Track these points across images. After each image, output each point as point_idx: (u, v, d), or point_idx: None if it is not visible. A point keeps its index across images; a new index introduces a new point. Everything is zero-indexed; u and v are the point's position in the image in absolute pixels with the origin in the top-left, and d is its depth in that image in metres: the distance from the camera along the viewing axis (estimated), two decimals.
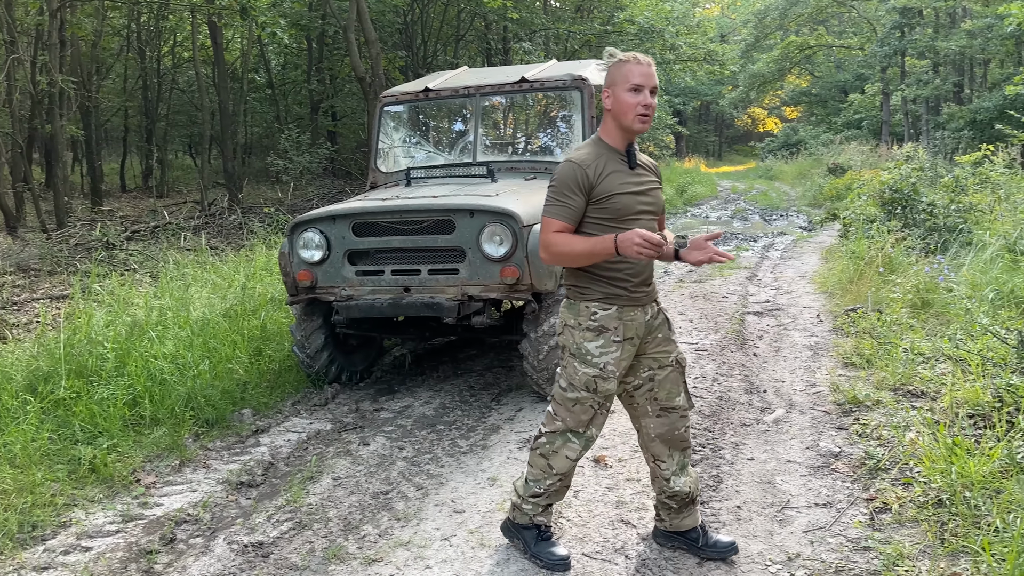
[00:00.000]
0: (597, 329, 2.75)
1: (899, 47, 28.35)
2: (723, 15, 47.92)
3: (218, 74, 15.89)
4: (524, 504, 3.01)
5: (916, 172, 9.59)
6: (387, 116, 6.21)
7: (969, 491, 3.17)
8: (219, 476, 3.97)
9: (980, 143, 16.10)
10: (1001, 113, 19.09)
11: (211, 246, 9.13)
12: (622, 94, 2.66)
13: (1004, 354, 4.59)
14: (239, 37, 19.61)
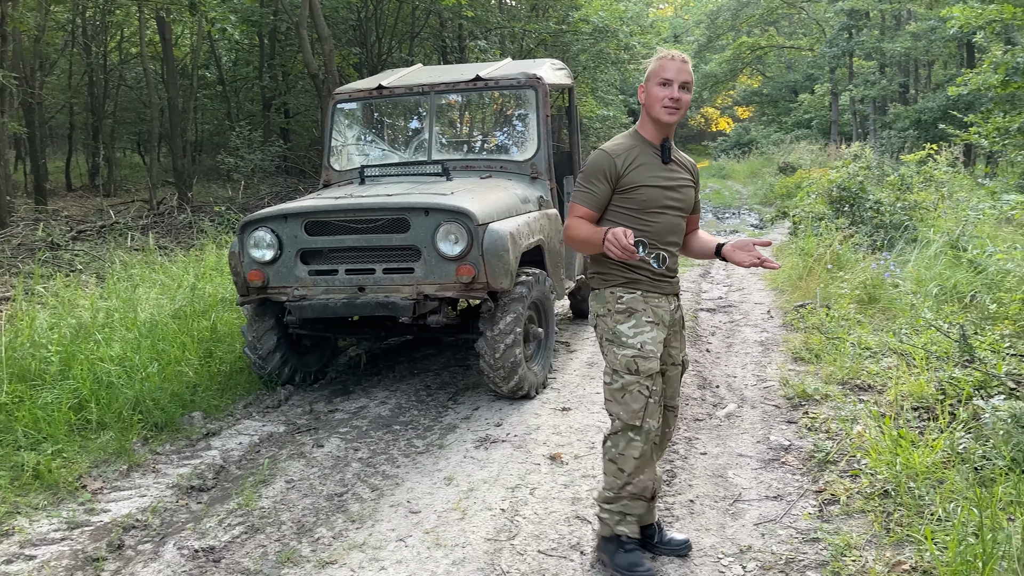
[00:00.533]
0: (626, 311, 2.76)
1: (847, 48, 28.97)
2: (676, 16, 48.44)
3: (167, 70, 15.56)
4: (602, 512, 2.92)
5: (863, 171, 9.82)
6: (340, 114, 6.15)
7: (913, 482, 3.25)
8: (169, 480, 3.89)
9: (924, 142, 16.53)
10: (944, 113, 19.64)
11: (160, 246, 8.94)
12: (653, 87, 2.71)
13: (947, 348, 4.72)
14: (189, 33, 19.24)
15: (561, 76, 6.27)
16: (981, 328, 5.09)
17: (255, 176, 14.49)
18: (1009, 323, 5.02)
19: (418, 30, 17.55)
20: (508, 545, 3.15)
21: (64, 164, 18.43)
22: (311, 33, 12.75)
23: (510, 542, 3.17)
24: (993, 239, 7.08)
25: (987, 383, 4.05)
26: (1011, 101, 14.54)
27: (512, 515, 3.40)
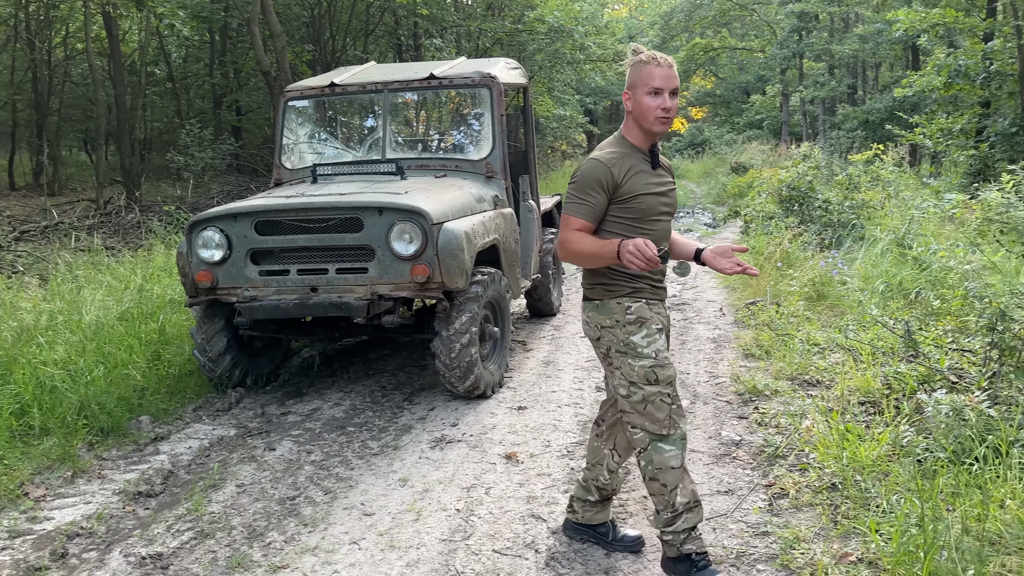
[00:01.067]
0: (637, 321, 2.68)
1: (797, 50, 29.52)
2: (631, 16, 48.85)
3: (114, 67, 15.19)
4: (665, 535, 2.77)
5: (812, 171, 10.00)
6: (292, 111, 6.07)
7: (859, 475, 3.32)
8: (115, 486, 3.80)
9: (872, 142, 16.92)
10: (891, 114, 20.12)
11: (106, 246, 8.73)
12: (642, 97, 2.60)
13: (893, 343, 4.83)
14: (136, 29, 18.82)
15: (516, 75, 6.28)
16: (925, 324, 5.22)
17: (206, 175, 14.24)
18: (951, 319, 5.16)
19: (373, 27, 17.42)
20: (463, 545, 3.14)
21: (7, 162, 17.87)
22: (263, 30, 12.57)
23: (465, 542, 3.16)
24: (937, 237, 7.27)
25: (930, 377, 4.15)
26: (954, 103, 14.98)
27: (467, 515, 3.39)
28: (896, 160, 12.59)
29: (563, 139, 28.76)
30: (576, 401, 4.81)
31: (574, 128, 29.36)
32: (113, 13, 13.36)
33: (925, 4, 14.84)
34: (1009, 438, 3.07)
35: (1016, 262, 5.76)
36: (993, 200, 4.07)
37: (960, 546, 2.55)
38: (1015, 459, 2.97)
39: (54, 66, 18.00)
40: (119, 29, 15.44)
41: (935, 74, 13.66)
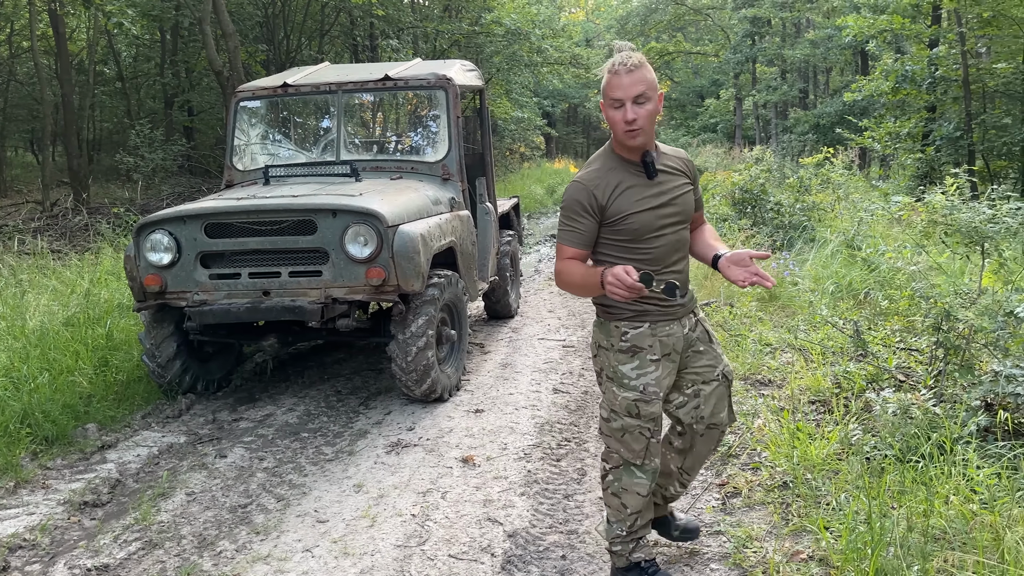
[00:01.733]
0: (630, 350, 2.52)
1: (750, 55, 30.01)
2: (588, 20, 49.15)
3: (61, 66, 14.81)
4: (614, 547, 2.74)
5: (765, 173, 10.15)
6: (244, 112, 5.97)
7: (810, 473, 3.37)
8: (60, 496, 3.70)
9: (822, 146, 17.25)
10: (841, 118, 20.56)
11: (52, 250, 8.50)
12: (607, 110, 2.41)
13: (842, 343, 4.93)
14: (84, 27, 18.38)
15: (472, 77, 6.26)
16: (874, 324, 5.33)
17: (156, 176, 13.96)
18: (899, 319, 5.28)
19: (328, 27, 17.26)
20: (418, 551, 3.11)
21: None
22: (215, 29, 12.37)
23: (420, 547, 3.14)
24: (885, 239, 7.44)
25: (879, 376, 4.24)
26: (901, 107, 15.35)
27: (423, 520, 3.36)
28: (846, 163, 12.85)
29: (521, 141, 28.82)
30: (533, 403, 4.81)
31: (532, 130, 29.46)
32: (60, 11, 13.03)
33: (873, 11, 15.19)
34: (953, 435, 3.15)
35: (960, 263, 5.91)
36: (937, 202, 4.18)
37: (906, 542, 2.60)
38: (959, 456, 3.04)
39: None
40: (66, 27, 15.06)
41: (883, 79, 13.99)
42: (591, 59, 26.60)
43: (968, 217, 4.07)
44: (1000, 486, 2.85)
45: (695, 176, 2.62)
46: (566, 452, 4.06)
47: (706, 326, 2.68)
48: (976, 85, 12.73)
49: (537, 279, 9.12)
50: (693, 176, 2.61)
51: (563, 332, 6.55)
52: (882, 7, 15.19)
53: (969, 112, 12.52)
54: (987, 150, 12.73)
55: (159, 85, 18.04)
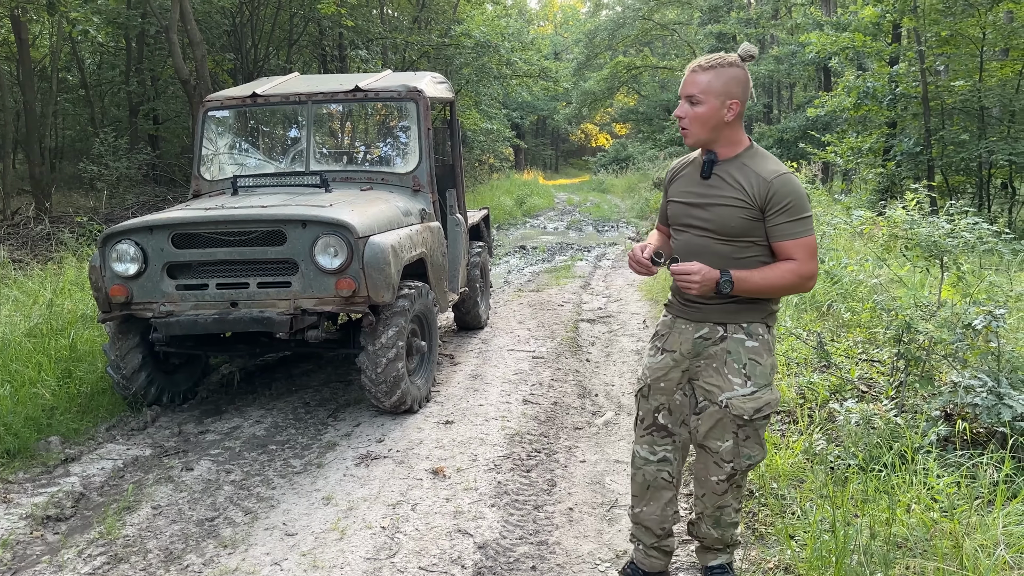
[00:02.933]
0: (654, 333, 2.75)
1: None
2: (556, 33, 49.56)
3: (22, 72, 14.56)
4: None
5: None
6: (211, 121, 5.93)
7: (776, 482, 3.43)
8: (22, 511, 3.62)
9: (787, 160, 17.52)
10: (804, 133, 20.94)
11: (14, 259, 8.33)
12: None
13: (806, 354, 5.01)
14: (48, 33, 18.09)
15: (442, 90, 6.29)
16: (837, 335, 5.44)
17: (120, 185, 13.76)
18: (861, 331, 5.39)
19: (296, 37, 17.18)
20: (388, 563, 3.10)
21: None
22: (182, 38, 12.26)
23: (390, 560, 3.13)
24: (847, 252, 7.58)
25: (842, 387, 4.33)
26: (863, 122, 15.67)
27: (393, 532, 3.35)
28: (809, 177, 13.09)
29: (490, 152, 28.90)
30: (503, 415, 4.82)
31: (501, 142, 29.56)
32: (23, 17, 12.81)
33: (836, 28, 15.53)
34: (914, 445, 3.22)
35: (920, 276, 6.05)
36: (898, 217, 4.29)
37: (869, 550, 2.66)
38: (919, 465, 3.11)
39: None
40: (28, 33, 14.81)
41: (845, 95, 14.28)
42: (559, 72, 26.80)
43: (928, 231, 4.18)
44: (959, 494, 2.93)
45: (763, 202, 2.41)
46: (536, 463, 4.08)
47: (736, 348, 2.52)
48: (935, 102, 13.06)
49: (507, 290, 9.15)
50: (756, 200, 2.42)
51: (533, 343, 6.57)
52: (844, 25, 15.55)
53: (928, 128, 12.83)
54: (946, 165, 13.04)
55: (124, 93, 17.80)
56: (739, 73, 2.41)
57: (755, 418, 2.52)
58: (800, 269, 2.41)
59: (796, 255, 2.41)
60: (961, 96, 12.76)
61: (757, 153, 2.49)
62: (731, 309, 2.52)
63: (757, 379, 2.51)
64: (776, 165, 2.46)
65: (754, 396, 2.51)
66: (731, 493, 2.65)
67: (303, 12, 16.09)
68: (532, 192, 23.61)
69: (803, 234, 2.41)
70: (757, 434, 2.56)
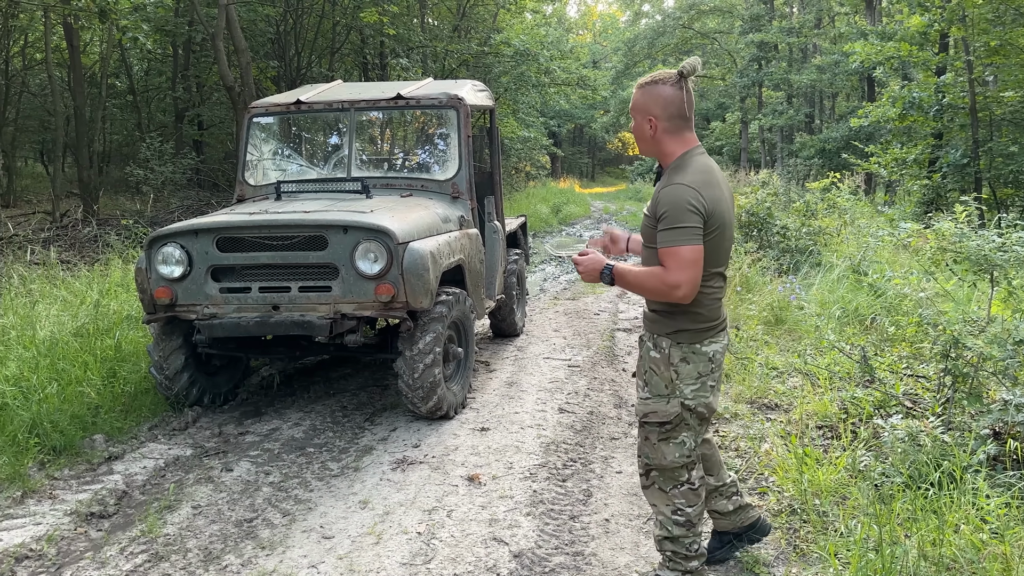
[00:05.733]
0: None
1: (757, 79, 30.19)
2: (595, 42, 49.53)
3: (74, 78, 14.95)
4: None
5: (771, 197, 10.18)
6: (256, 128, 6.02)
7: (818, 499, 3.37)
8: (67, 507, 3.70)
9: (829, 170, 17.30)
10: (847, 143, 20.63)
11: (62, 260, 8.53)
12: None
13: (849, 368, 4.92)
14: (98, 40, 18.56)
15: (483, 97, 6.32)
16: (880, 350, 5.34)
17: (165, 189, 14.03)
18: (906, 345, 5.28)
19: (339, 46, 17.38)
20: (424, 569, 3.10)
21: None
22: (228, 45, 12.48)
23: (426, 566, 3.13)
24: (892, 264, 7.45)
25: (886, 403, 4.24)
26: (908, 133, 15.41)
27: (428, 538, 3.36)
28: (852, 188, 12.89)
29: (527, 160, 28.94)
30: (539, 423, 4.81)
31: (538, 150, 29.59)
32: (75, 25, 13.16)
33: (881, 38, 15.29)
34: (963, 464, 3.14)
35: (968, 290, 5.92)
36: (946, 230, 4.20)
37: (917, 571, 2.59)
38: (968, 484, 3.03)
39: (11, 76, 17.65)
40: (80, 40, 15.21)
41: (890, 105, 14.06)
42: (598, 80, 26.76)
43: (977, 245, 4.08)
44: (1010, 516, 2.84)
45: (655, 212, 2.53)
46: (572, 473, 4.05)
47: (645, 355, 2.69)
48: (983, 113, 12.79)
49: (542, 298, 9.13)
50: (652, 210, 2.56)
51: (568, 352, 6.55)
52: (890, 34, 15.30)
53: (976, 140, 12.56)
54: (994, 178, 12.76)
55: (170, 99, 18.17)
56: (663, 90, 2.53)
57: (644, 422, 2.70)
58: (664, 276, 2.48)
59: (665, 262, 2.49)
60: (1011, 107, 12.48)
61: (680, 164, 2.57)
62: (651, 318, 2.70)
63: (651, 387, 2.67)
64: (679, 176, 2.52)
65: (644, 401, 2.69)
66: (654, 493, 2.79)
67: (346, 21, 16.27)
68: (568, 200, 23.57)
69: (671, 243, 2.46)
70: (649, 438, 2.70)
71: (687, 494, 2.71)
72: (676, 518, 2.72)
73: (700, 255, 2.45)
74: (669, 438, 2.65)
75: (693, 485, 2.72)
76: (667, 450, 2.66)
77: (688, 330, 2.59)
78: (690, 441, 2.66)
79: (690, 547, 2.74)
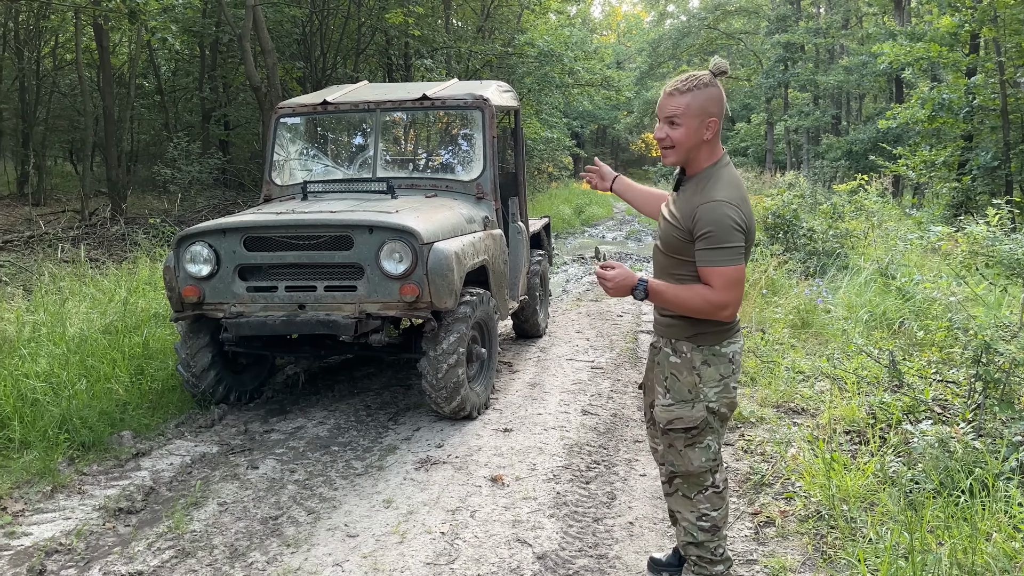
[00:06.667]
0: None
1: (783, 79, 29.94)
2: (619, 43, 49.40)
3: (103, 78, 15.15)
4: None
5: (797, 199, 10.09)
6: (283, 128, 6.06)
7: (846, 504, 3.33)
8: (95, 502, 3.74)
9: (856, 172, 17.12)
10: (874, 145, 20.39)
11: (91, 258, 8.65)
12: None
13: (877, 373, 4.86)
14: (127, 41, 18.79)
15: (507, 98, 6.32)
16: (909, 354, 5.27)
17: (192, 188, 14.17)
18: (935, 350, 5.21)
19: (364, 47, 17.48)
20: (447, 569, 3.11)
21: None
22: (254, 46, 12.59)
23: (449, 566, 3.13)
24: (920, 268, 7.35)
25: (915, 408, 4.18)
26: (937, 135, 15.20)
27: (452, 538, 3.36)
28: (879, 191, 12.74)
29: (550, 161, 28.92)
30: (562, 424, 4.80)
31: (561, 151, 29.55)
32: (105, 26, 13.33)
33: (910, 38, 15.10)
34: (994, 471, 3.09)
35: (999, 295, 5.82)
36: (979, 233, 4.13)
37: None
38: (1000, 492, 2.98)
39: (42, 76, 17.93)
40: (109, 41, 15.41)
41: (919, 107, 13.87)
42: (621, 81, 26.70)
43: (1010, 248, 4.01)
44: None
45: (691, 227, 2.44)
46: (595, 475, 4.04)
47: (664, 361, 2.66)
48: (1015, 115, 12.58)
49: (565, 299, 9.12)
50: (685, 223, 2.47)
51: (592, 353, 6.53)
52: (919, 35, 15.10)
53: (1007, 142, 12.37)
54: None
55: (197, 99, 18.36)
56: (715, 92, 2.48)
57: (669, 429, 2.63)
58: (711, 296, 2.43)
59: (711, 282, 2.44)
60: None
61: (713, 174, 2.51)
62: (665, 323, 2.67)
63: (674, 393, 2.63)
64: (716, 190, 2.45)
65: (668, 408, 2.64)
66: (678, 500, 2.74)
67: (371, 22, 16.36)
68: (591, 201, 23.53)
69: (718, 263, 2.41)
70: (674, 445, 2.65)
71: (712, 498, 2.69)
72: (701, 524, 2.69)
73: (744, 274, 2.45)
74: (695, 443, 2.62)
75: (718, 489, 2.69)
76: (693, 455, 2.63)
77: (708, 332, 2.57)
78: (715, 444, 2.64)
79: (716, 552, 2.71)
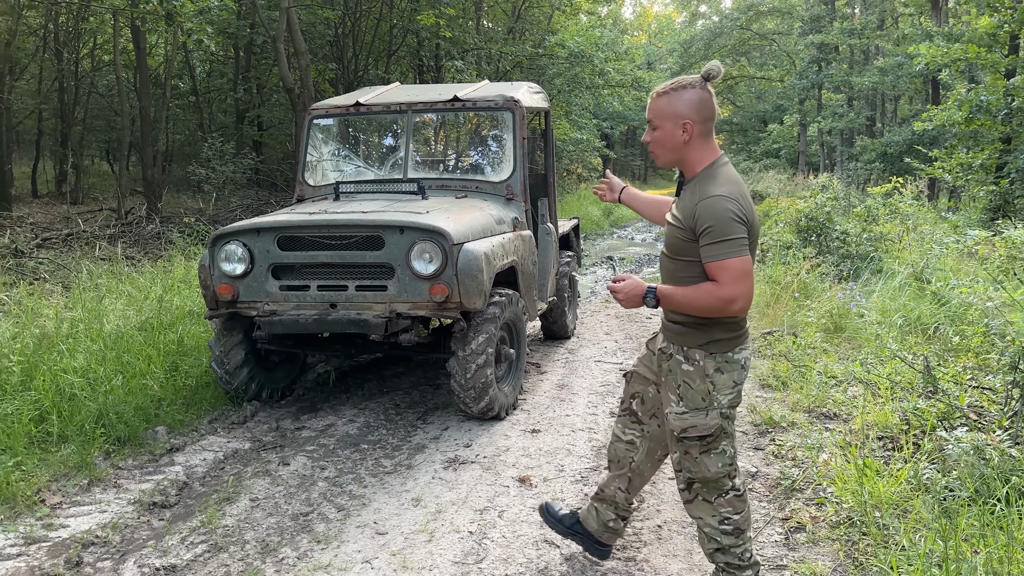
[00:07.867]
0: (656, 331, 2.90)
1: (816, 81, 29.58)
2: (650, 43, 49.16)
3: (140, 79, 15.42)
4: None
5: (830, 201, 9.98)
6: (316, 129, 6.13)
7: (878, 511, 3.29)
8: (130, 496, 3.81)
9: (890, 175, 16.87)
10: (910, 147, 20.08)
11: (127, 256, 8.81)
12: None
13: (911, 378, 4.80)
14: (163, 42, 19.09)
15: (538, 99, 6.33)
16: (944, 360, 5.19)
17: (226, 188, 14.37)
18: (971, 356, 5.12)
19: (395, 48, 17.58)
20: (475, 568, 3.12)
21: (31, 170, 18.10)
22: (288, 47, 12.73)
23: (477, 565, 3.15)
24: (956, 272, 7.22)
25: (950, 414, 4.12)
26: (974, 138, 14.93)
27: (480, 538, 3.37)
28: (915, 194, 12.55)
29: (579, 162, 28.86)
30: (590, 426, 4.79)
31: (590, 152, 29.47)
32: (142, 27, 13.57)
33: (947, 39, 14.85)
34: None
35: None
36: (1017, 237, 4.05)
37: None
38: None
39: (80, 77, 18.27)
40: (146, 42, 15.67)
41: (956, 109, 13.62)
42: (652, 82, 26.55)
43: None
44: None
45: (693, 225, 2.45)
46: None
47: (675, 369, 2.62)
48: None
49: (593, 301, 9.10)
50: (686, 223, 2.48)
51: (620, 355, 6.51)
52: (957, 36, 14.84)
53: None
54: None
55: (231, 100, 18.60)
56: (693, 94, 2.46)
57: (683, 437, 2.61)
58: (718, 291, 2.41)
59: (718, 277, 2.42)
60: None
61: (710, 174, 2.50)
62: (677, 331, 2.64)
63: (687, 401, 2.60)
64: (714, 187, 2.45)
65: (681, 416, 2.60)
66: (699, 506, 2.71)
67: (403, 24, 16.46)
68: None
69: (721, 256, 2.39)
70: (689, 453, 2.63)
71: (732, 501, 2.67)
72: (724, 527, 2.67)
73: (751, 265, 2.41)
74: (710, 450, 2.60)
75: (738, 491, 2.67)
76: (709, 462, 2.61)
77: (721, 339, 2.55)
78: (730, 449, 2.63)
79: (742, 555, 2.70)
